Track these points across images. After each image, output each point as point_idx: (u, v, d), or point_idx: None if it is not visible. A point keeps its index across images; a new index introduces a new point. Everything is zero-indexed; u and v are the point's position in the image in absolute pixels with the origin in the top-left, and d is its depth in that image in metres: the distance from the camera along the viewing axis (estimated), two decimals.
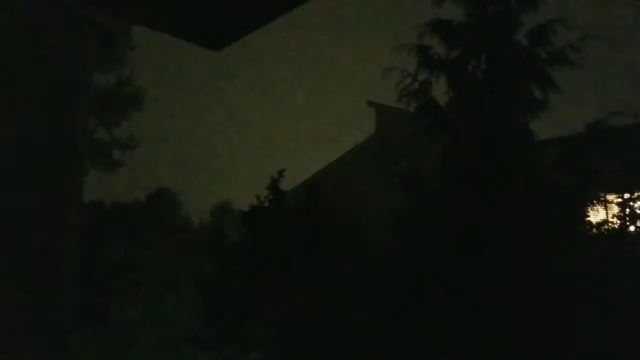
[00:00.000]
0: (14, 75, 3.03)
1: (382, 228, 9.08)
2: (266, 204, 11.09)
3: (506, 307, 7.59)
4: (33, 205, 3.07)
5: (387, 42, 9.58)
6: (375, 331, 8.47)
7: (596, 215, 8.93)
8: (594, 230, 8.67)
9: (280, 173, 11.23)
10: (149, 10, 2.74)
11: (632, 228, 8.71)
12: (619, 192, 8.99)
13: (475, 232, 8.03)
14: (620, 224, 8.69)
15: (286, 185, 11.49)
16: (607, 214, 9.08)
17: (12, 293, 2.91)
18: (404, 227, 8.91)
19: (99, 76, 19.25)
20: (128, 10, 2.87)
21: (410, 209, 8.91)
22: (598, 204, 8.83)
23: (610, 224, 8.76)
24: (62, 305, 3.17)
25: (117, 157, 20.95)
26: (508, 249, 7.79)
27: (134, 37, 18.45)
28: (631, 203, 8.78)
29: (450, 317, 7.75)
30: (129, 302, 17.60)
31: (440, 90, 9.44)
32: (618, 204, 8.87)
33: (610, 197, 9.17)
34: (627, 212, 8.72)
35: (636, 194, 8.81)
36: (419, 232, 8.73)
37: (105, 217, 19.06)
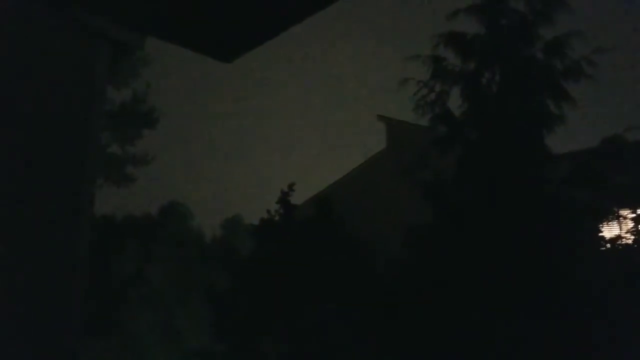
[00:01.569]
0: (25, 89, 3.05)
1: (394, 241, 9.01)
2: (277, 218, 11.09)
3: (519, 319, 7.51)
4: (44, 218, 3.08)
5: (398, 55, 9.54)
6: (387, 343, 8.40)
7: (610, 230, 8.81)
8: (608, 245, 8.56)
9: (291, 187, 11.23)
10: (159, 21, 2.76)
11: None
12: (634, 207, 8.88)
13: (488, 245, 7.95)
14: (634, 239, 8.57)
15: (297, 199, 11.49)
16: (620, 229, 8.96)
17: (21, 304, 2.92)
18: (420, 240, 8.81)
19: (113, 92, 19.38)
20: (139, 21, 2.89)
21: (434, 222, 8.78)
22: (612, 219, 8.70)
23: (624, 239, 8.65)
24: (72, 317, 3.17)
25: (129, 172, 21.02)
26: (520, 262, 7.70)
27: (147, 52, 18.62)
28: None
29: (465, 329, 7.68)
30: (139, 315, 17.59)
31: (453, 102, 9.38)
32: (632, 219, 8.76)
33: (624, 212, 9.05)
34: None
35: None
36: (436, 245, 8.63)
37: (117, 231, 19.12)
